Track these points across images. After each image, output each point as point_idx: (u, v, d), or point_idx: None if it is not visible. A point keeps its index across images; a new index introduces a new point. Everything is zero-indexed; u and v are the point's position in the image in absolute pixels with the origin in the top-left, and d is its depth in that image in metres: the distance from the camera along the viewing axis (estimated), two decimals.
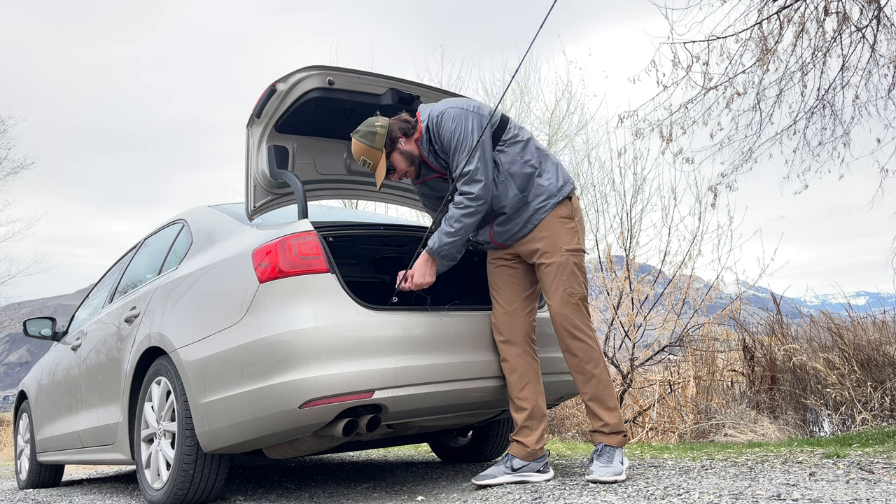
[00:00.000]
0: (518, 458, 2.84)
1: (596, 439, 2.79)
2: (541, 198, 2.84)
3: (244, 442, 2.65)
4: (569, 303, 2.79)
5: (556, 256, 2.81)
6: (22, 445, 5.17)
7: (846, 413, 4.97)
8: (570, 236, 2.86)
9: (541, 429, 2.88)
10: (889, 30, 5.56)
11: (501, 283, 2.97)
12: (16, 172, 21.59)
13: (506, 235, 2.90)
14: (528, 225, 2.85)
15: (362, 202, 8.44)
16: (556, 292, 2.81)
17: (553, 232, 2.84)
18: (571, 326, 2.79)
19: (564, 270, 2.80)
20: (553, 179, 2.87)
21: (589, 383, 2.79)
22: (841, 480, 2.47)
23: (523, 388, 2.85)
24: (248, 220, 3.10)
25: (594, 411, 2.79)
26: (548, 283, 2.84)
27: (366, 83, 3.01)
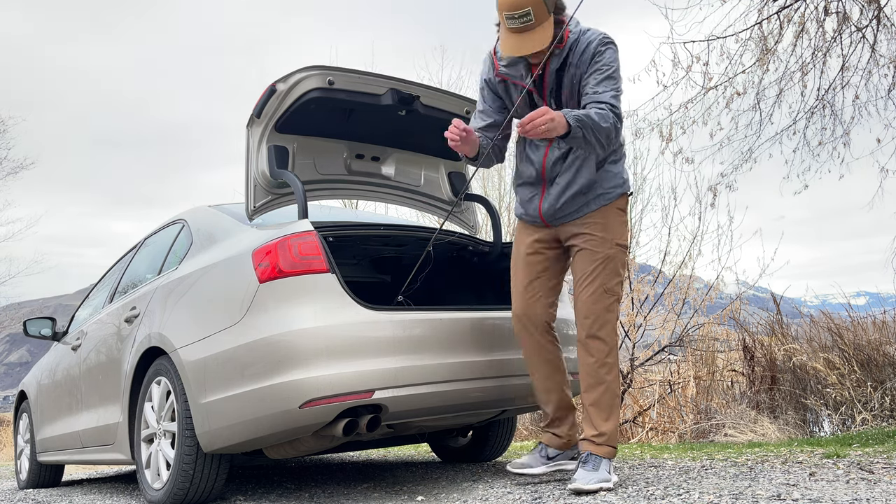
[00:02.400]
0: (553, 448, 2.81)
1: (584, 447, 2.62)
2: (609, 183, 2.68)
3: (244, 442, 2.65)
4: (602, 299, 2.62)
5: (605, 248, 2.65)
6: (22, 445, 5.17)
7: (846, 413, 4.97)
8: (622, 230, 2.71)
9: (571, 418, 2.83)
10: (889, 30, 5.56)
11: (530, 268, 2.78)
12: (16, 172, 21.62)
13: (558, 214, 2.71)
14: (585, 208, 2.67)
15: (362, 202, 8.44)
16: (591, 283, 2.63)
17: (608, 221, 2.68)
18: (596, 323, 2.62)
19: (609, 264, 2.64)
20: (623, 170, 2.75)
21: (596, 389, 2.62)
22: (841, 480, 2.47)
23: (547, 378, 2.78)
24: (248, 220, 3.10)
25: (591, 418, 2.62)
26: (585, 272, 2.65)
27: (366, 83, 3.01)
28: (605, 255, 2.64)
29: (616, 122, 2.55)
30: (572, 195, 2.68)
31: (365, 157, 3.36)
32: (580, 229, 2.69)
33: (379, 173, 3.43)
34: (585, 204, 2.68)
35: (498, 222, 3.58)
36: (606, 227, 2.67)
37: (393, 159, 3.43)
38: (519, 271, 2.82)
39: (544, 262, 2.80)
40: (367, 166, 3.38)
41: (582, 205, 2.68)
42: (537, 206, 2.74)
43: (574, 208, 2.69)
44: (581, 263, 2.68)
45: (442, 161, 3.55)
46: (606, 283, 2.63)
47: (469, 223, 3.72)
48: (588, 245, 2.67)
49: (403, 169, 3.47)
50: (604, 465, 2.56)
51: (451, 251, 3.50)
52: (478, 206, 3.83)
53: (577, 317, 2.67)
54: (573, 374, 3.12)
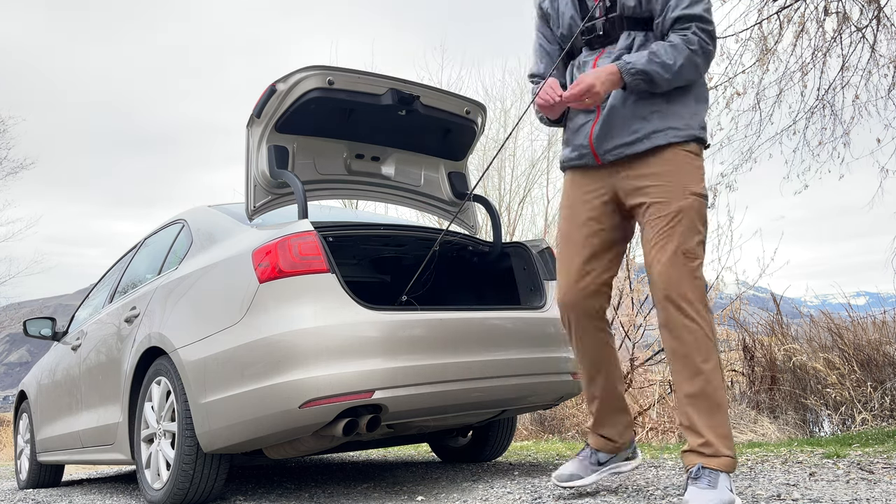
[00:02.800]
0: (603, 452, 2.42)
1: (689, 461, 2.06)
2: (681, 119, 2.17)
3: (244, 442, 2.65)
4: (682, 264, 2.08)
5: (678, 197, 2.11)
6: (22, 445, 5.16)
7: (846, 413, 4.97)
8: (696, 175, 2.16)
9: (625, 419, 2.42)
10: (889, 30, 5.56)
11: (581, 237, 2.31)
12: (16, 172, 21.65)
13: (613, 140, 2.21)
14: (647, 140, 2.16)
15: (362, 202, 8.44)
16: (665, 247, 2.10)
17: (679, 166, 2.14)
18: (680, 297, 2.07)
19: (685, 219, 2.10)
20: (701, 111, 2.24)
21: (693, 381, 2.06)
22: (841, 480, 2.47)
23: (597, 373, 2.38)
24: (248, 220, 3.10)
25: (693, 422, 2.06)
26: (655, 233, 2.13)
27: (366, 83, 3.01)
28: (679, 208, 2.10)
29: (704, 45, 2.10)
30: (630, 115, 2.18)
31: (365, 157, 3.36)
32: (642, 179, 2.17)
33: (379, 173, 3.43)
34: (647, 136, 2.17)
35: (498, 222, 3.58)
36: (677, 172, 2.14)
37: (393, 159, 3.43)
38: (567, 243, 2.35)
39: (599, 227, 2.30)
40: (367, 166, 3.38)
41: (643, 134, 2.17)
42: (588, 132, 2.25)
43: (631, 135, 2.18)
44: (648, 222, 2.16)
45: (442, 161, 3.55)
46: (684, 243, 2.09)
47: (469, 223, 3.73)
48: (655, 196, 2.14)
49: (403, 169, 3.47)
50: (722, 481, 2.00)
51: (451, 251, 3.50)
52: (478, 206, 3.83)
53: (654, 292, 2.15)
54: (573, 375, 3.12)
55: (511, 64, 21.63)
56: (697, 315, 2.08)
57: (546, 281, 3.25)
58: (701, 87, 2.25)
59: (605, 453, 2.42)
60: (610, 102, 2.21)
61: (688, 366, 2.08)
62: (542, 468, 3.40)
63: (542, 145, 9.41)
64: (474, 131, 3.43)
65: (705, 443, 2.04)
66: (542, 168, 9.33)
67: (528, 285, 3.30)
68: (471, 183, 3.69)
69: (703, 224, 2.16)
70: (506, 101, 9.64)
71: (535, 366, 2.98)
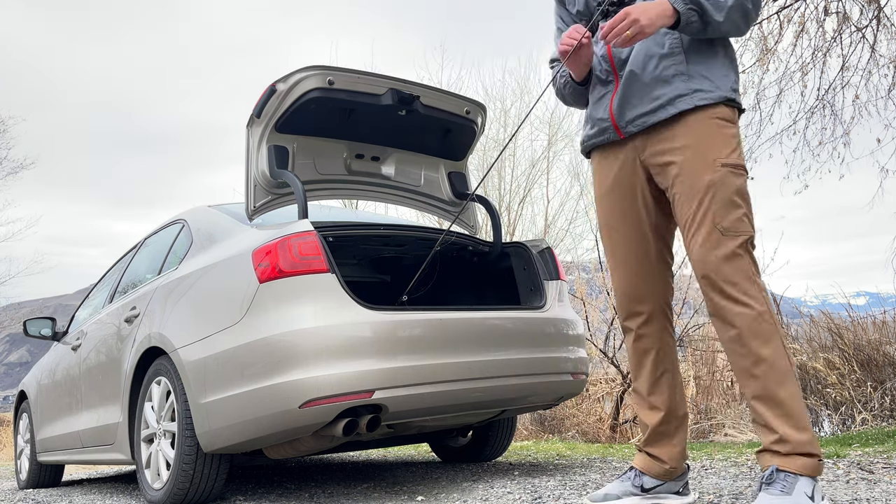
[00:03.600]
0: (650, 476, 2.11)
1: (763, 462, 1.84)
2: (707, 81, 1.98)
3: (244, 442, 2.65)
4: (721, 243, 1.88)
5: (707, 170, 1.92)
6: (22, 445, 5.17)
7: (846, 413, 4.97)
8: (727, 144, 1.95)
9: (681, 436, 2.12)
10: (889, 30, 5.56)
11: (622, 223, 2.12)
12: (16, 172, 21.68)
13: (630, 113, 2.04)
14: (669, 107, 1.98)
15: (362, 202, 8.45)
16: (699, 228, 1.91)
17: (705, 135, 1.95)
18: (723, 281, 1.88)
19: (718, 192, 1.90)
20: (729, 71, 2.03)
21: (755, 370, 1.85)
22: (841, 480, 2.47)
23: (658, 378, 2.12)
24: (248, 220, 3.10)
25: (762, 417, 1.84)
26: (686, 213, 1.95)
27: (366, 83, 3.01)
28: (709, 183, 1.91)
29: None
30: (651, 79, 2.00)
31: (365, 157, 3.36)
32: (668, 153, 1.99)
33: (379, 173, 3.43)
34: (670, 101, 1.97)
35: (498, 222, 3.58)
36: (705, 142, 1.94)
37: (393, 159, 3.43)
38: (609, 236, 2.16)
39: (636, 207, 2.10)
40: (367, 166, 3.38)
41: (666, 100, 1.98)
42: (608, 103, 2.08)
43: (653, 102, 1.99)
44: (678, 201, 1.97)
45: (442, 161, 3.55)
46: (721, 219, 1.89)
47: (469, 223, 3.73)
48: (682, 171, 1.95)
49: (403, 169, 3.47)
50: (801, 487, 1.75)
51: (451, 251, 3.50)
52: (478, 206, 3.83)
53: (697, 278, 1.97)
54: (573, 375, 3.12)
55: (511, 64, 21.68)
56: (745, 296, 1.86)
57: (546, 281, 3.25)
58: (730, 48, 2.07)
59: (652, 477, 2.11)
60: (628, 68, 2.03)
61: (745, 354, 1.86)
62: (542, 468, 3.40)
63: (542, 145, 9.42)
64: (474, 131, 3.43)
65: (780, 439, 1.79)
66: (542, 168, 9.34)
67: (528, 285, 3.30)
68: (471, 183, 3.69)
69: (742, 196, 1.93)
70: (506, 101, 9.65)
71: (535, 366, 2.98)
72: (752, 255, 1.92)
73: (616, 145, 2.13)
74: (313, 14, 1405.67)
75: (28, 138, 25.94)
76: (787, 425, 1.80)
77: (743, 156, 2.00)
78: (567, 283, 3.51)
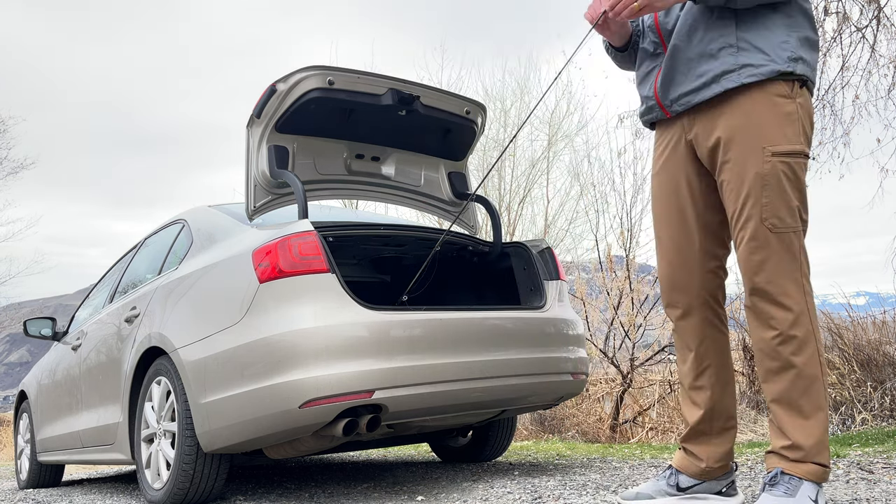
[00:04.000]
0: (686, 475, 2.01)
1: (771, 463, 1.81)
2: (759, 53, 1.78)
3: (244, 442, 2.65)
4: (768, 241, 1.77)
5: (754, 162, 1.77)
6: (22, 445, 5.17)
7: (846, 413, 4.97)
8: (780, 127, 1.77)
9: (726, 437, 2.00)
10: (889, 30, 5.56)
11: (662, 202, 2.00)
12: (16, 172, 21.70)
13: (675, 91, 1.89)
14: (714, 85, 1.81)
15: (362, 202, 8.45)
16: (748, 221, 1.79)
17: (755, 118, 1.77)
18: (766, 282, 1.78)
19: (768, 185, 1.75)
20: (791, 38, 1.80)
21: (781, 377, 1.78)
22: (841, 480, 2.47)
23: (702, 373, 1.99)
24: (248, 220, 3.11)
25: (779, 422, 1.80)
26: (732, 206, 1.82)
27: (366, 83, 3.01)
28: (757, 174, 1.76)
29: None
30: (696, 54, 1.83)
31: (365, 157, 3.36)
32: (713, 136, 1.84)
33: (379, 173, 3.43)
34: (715, 79, 1.80)
35: (498, 222, 3.58)
36: (754, 125, 1.77)
37: (393, 159, 3.43)
38: (655, 218, 2.05)
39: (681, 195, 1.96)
40: (367, 166, 3.39)
41: (710, 77, 1.81)
42: (653, 81, 1.94)
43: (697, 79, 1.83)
44: (726, 190, 1.84)
45: (442, 161, 3.55)
46: (770, 214, 1.76)
47: (469, 223, 3.73)
48: (729, 158, 1.81)
49: (403, 169, 3.47)
50: (805, 491, 1.73)
51: (451, 251, 3.51)
52: (478, 206, 3.83)
53: (741, 273, 1.87)
54: (573, 375, 3.12)
55: (511, 64, 21.68)
56: (785, 297, 1.77)
57: (546, 281, 3.26)
58: (793, 7, 1.83)
59: (688, 476, 2.00)
60: (672, 42, 1.88)
61: (775, 358, 1.78)
62: (542, 468, 3.40)
63: (542, 145, 9.42)
64: (474, 131, 3.43)
65: (791, 446, 1.76)
66: (542, 168, 9.34)
67: (528, 285, 3.30)
68: (471, 183, 3.69)
69: (796, 188, 1.77)
70: (506, 101, 9.66)
71: (535, 366, 2.98)
72: (801, 251, 1.79)
73: (666, 123, 2.00)
74: (314, 15, 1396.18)
75: (28, 138, 25.94)
76: (802, 434, 1.76)
77: (803, 136, 1.79)
78: (567, 283, 3.51)
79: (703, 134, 1.88)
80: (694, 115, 1.90)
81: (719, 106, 1.83)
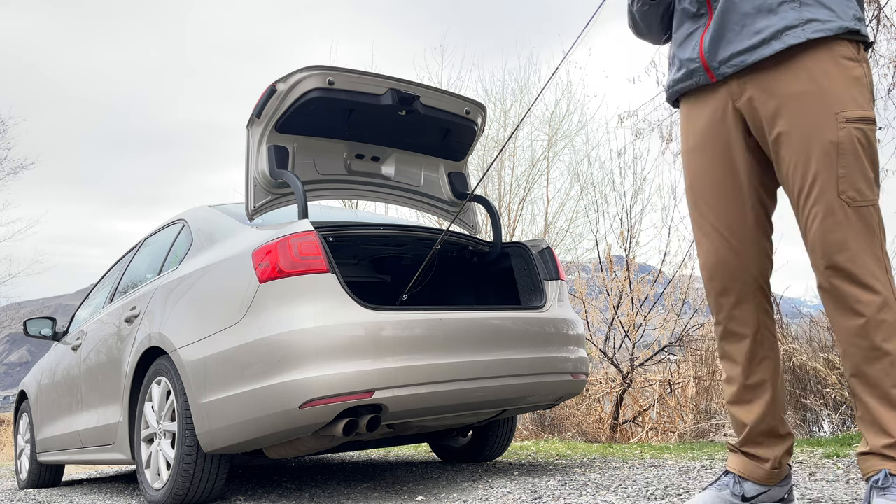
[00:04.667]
0: (751, 482, 1.80)
1: (869, 466, 1.60)
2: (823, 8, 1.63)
3: (244, 442, 2.65)
4: (847, 218, 1.59)
5: (826, 129, 1.59)
6: (22, 445, 5.17)
7: (846, 413, 4.97)
8: (851, 90, 1.61)
9: (785, 430, 1.83)
10: (889, 30, 5.57)
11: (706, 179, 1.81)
12: (16, 172, 21.71)
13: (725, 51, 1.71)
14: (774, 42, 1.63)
15: (362, 202, 8.45)
16: (820, 198, 1.61)
17: (822, 80, 1.61)
18: (848, 261, 1.59)
19: (843, 156, 1.58)
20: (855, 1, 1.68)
21: (872, 367, 1.59)
22: (841, 480, 2.47)
23: (758, 365, 1.80)
24: (248, 220, 3.11)
25: (876, 416, 1.59)
26: (799, 180, 1.64)
27: (366, 83, 3.01)
28: (831, 142, 1.59)
29: None
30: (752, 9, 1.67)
31: (365, 157, 3.36)
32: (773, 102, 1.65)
33: (379, 173, 3.43)
34: (775, 35, 1.63)
35: (498, 222, 3.58)
36: (822, 88, 1.60)
37: (393, 159, 3.43)
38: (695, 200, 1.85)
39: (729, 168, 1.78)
40: (367, 166, 3.39)
41: (770, 34, 1.63)
42: (698, 42, 1.76)
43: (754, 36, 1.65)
44: (788, 163, 1.65)
45: (442, 161, 3.55)
46: (848, 186, 1.59)
47: (469, 223, 3.73)
48: (792, 126, 1.62)
49: (403, 169, 3.48)
50: None
51: (451, 251, 3.51)
52: (478, 206, 3.84)
53: (812, 259, 1.66)
54: (573, 375, 3.12)
55: (511, 64, 21.68)
56: (873, 279, 1.59)
57: (546, 281, 3.26)
58: None
59: (755, 483, 1.79)
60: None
61: (866, 347, 1.59)
62: (542, 468, 3.40)
63: (542, 145, 9.42)
64: (474, 131, 3.43)
65: (894, 444, 1.56)
66: (542, 168, 9.34)
67: (528, 285, 3.30)
68: (471, 183, 3.69)
69: (871, 157, 1.61)
70: (506, 101, 9.64)
71: (535, 366, 2.98)
72: (879, 226, 1.62)
73: (707, 91, 1.80)
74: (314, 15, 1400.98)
75: (28, 138, 25.97)
76: None
77: (871, 101, 1.64)
78: (567, 283, 3.51)
79: (759, 98, 1.68)
80: (745, 78, 1.70)
81: (778, 67, 1.64)
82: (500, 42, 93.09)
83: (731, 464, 1.84)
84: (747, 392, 1.81)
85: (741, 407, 1.82)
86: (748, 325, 1.81)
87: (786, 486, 1.84)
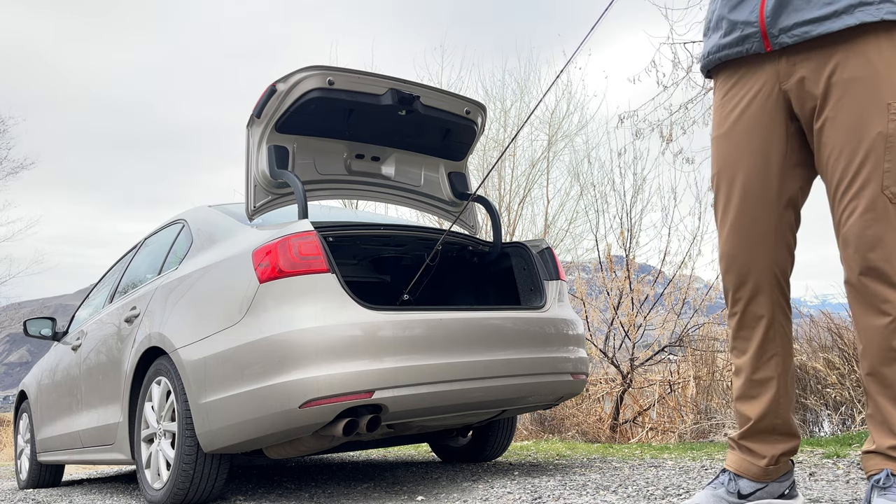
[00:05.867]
0: (747, 479, 1.77)
1: (873, 465, 1.59)
2: None
3: (244, 442, 2.65)
4: (887, 214, 1.51)
5: (875, 117, 1.50)
6: (22, 445, 5.17)
7: (846, 413, 4.97)
8: None
9: (789, 430, 1.79)
10: None
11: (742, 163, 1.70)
12: (16, 172, 21.71)
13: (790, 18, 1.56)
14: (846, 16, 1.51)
15: (362, 202, 8.46)
16: (861, 191, 1.53)
17: (879, 65, 1.51)
18: (884, 261, 1.52)
19: (891, 147, 1.50)
20: None
21: (892, 367, 1.54)
22: (841, 480, 2.47)
23: (766, 361, 1.76)
24: (248, 220, 3.11)
25: (886, 416, 1.56)
26: (840, 170, 1.56)
27: (366, 83, 3.01)
28: (880, 133, 1.50)
29: None
30: None
31: (365, 157, 3.36)
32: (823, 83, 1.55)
33: (379, 173, 3.43)
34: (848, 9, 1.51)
35: (498, 222, 3.58)
36: (881, 75, 1.50)
37: (393, 159, 3.43)
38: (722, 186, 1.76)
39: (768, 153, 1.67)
40: (367, 166, 3.39)
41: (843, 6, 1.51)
42: (758, 3, 1.60)
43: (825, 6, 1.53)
44: (833, 151, 1.56)
45: (442, 161, 3.55)
46: (892, 182, 1.50)
47: (469, 223, 3.73)
48: (840, 111, 1.53)
49: (403, 169, 3.48)
50: None
51: (451, 251, 3.51)
52: (478, 206, 3.84)
53: (845, 255, 1.60)
54: (573, 375, 3.12)
55: (511, 64, 21.65)
56: None
57: (546, 281, 3.26)
58: None
59: (750, 480, 1.76)
60: None
61: (883, 347, 1.54)
62: (542, 468, 3.40)
63: (542, 145, 9.42)
64: (474, 131, 3.43)
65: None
66: (542, 168, 9.34)
67: (528, 285, 3.31)
68: (471, 183, 3.69)
69: None
70: (506, 101, 9.65)
71: (535, 366, 2.98)
72: None
73: (753, 66, 1.66)
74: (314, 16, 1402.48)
75: (28, 138, 25.96)
76: None
77: None
78: (567, 283, 3.51)
79: (812, 79, 1.56)
80: (800, 56, 1.58)
81: (836, 47, 1.53)
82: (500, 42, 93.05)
83: (728, 461, 1.83)
84: (753, 387, 1.77)
85: (746, 402, 1.79)
86: (762, 319, 1.75)
87: (786, 482, 1.81)
